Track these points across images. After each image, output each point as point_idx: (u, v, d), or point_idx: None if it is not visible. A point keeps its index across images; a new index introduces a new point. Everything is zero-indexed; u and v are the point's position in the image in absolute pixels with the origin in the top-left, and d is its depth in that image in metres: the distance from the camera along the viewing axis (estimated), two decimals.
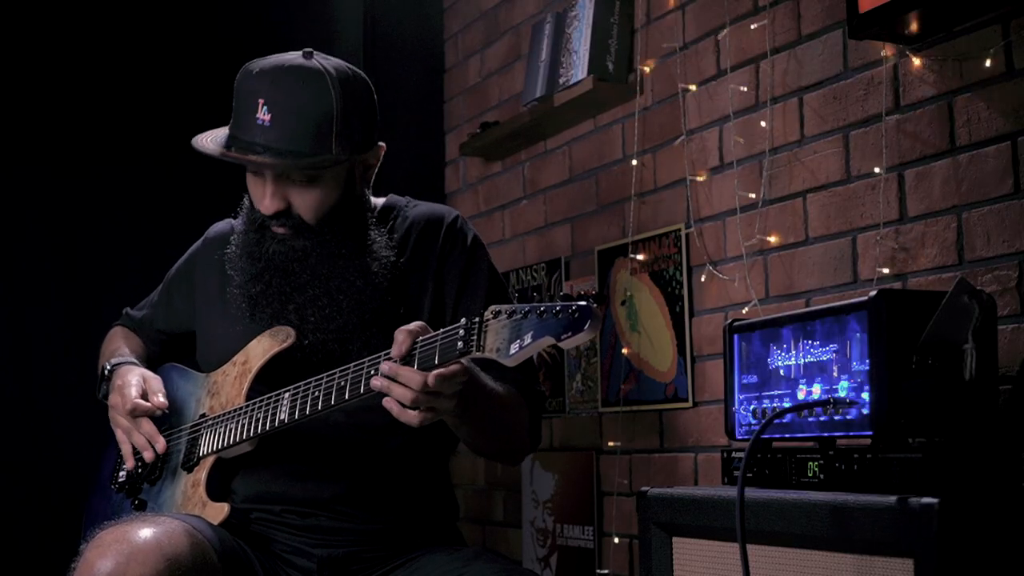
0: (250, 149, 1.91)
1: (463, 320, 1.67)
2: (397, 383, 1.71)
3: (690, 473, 2.88)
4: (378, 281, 1.99)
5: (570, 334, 1.53)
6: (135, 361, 2.22)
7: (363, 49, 3.91)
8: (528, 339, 1.56)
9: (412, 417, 1.73)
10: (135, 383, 2.11)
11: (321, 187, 1.96)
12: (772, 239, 2.64)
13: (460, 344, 1.65)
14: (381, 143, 2.06)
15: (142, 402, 2.08)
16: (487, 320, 1.63)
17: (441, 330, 1.70)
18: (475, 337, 1.63)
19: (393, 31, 4.02)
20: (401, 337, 1.73)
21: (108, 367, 2.19)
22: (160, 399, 2.10)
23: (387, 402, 1.73)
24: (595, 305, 1.54)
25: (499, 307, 1.62)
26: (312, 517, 1.98)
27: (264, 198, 1.96)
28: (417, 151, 4.05)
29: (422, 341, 1.72)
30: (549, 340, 1.55)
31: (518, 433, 2.00)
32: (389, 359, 1.73)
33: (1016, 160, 2.12)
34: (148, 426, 2.08)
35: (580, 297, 1.56)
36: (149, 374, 2.17)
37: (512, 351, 1.58)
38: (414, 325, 1.75)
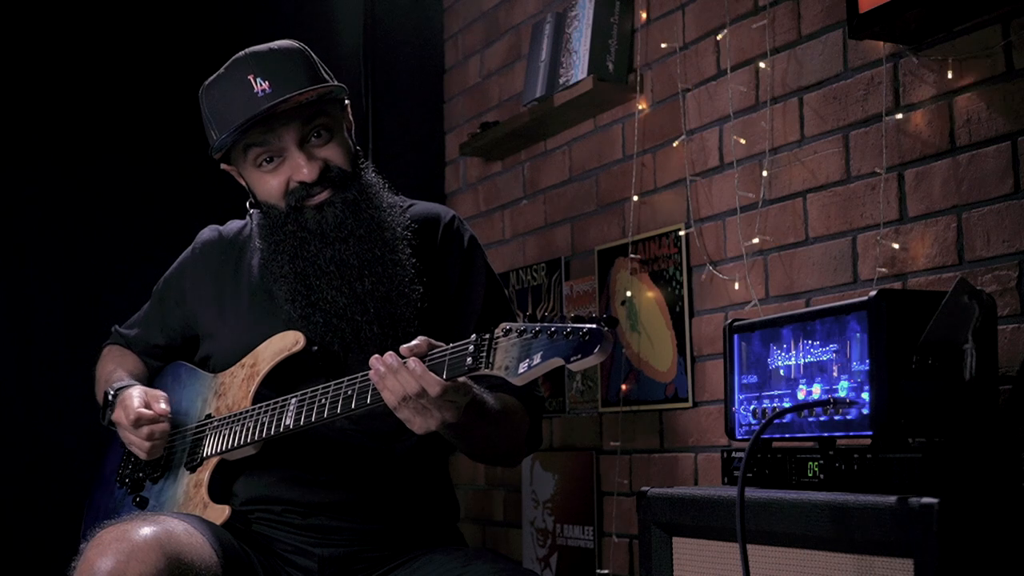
0: (272, 111, 1.94)
1: (473, 336, 1.67)
2: (404, 372, 1.70)
3: (690, 473, 2.88)
4: (401, 257, 2.00)
5: (580, 356, 1.54)
6: (136, 383, 2.19)
7: (363, 49, 3.91)
8: (537, 359, 1.57)
9: (418, 426, 1.74)
10: (137, 395, 2.09)
11: (338, 138, 2.01)
12: (772, 239, 2.64)
13: (469, 360, 1.66)
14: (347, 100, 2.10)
15: (145, 411, 2.05)
16: (497, 337, 1.63)
17: (451, 345, 1.70)
18: (484, 354, 1.64)
19: (393, 31, 4.02)
20: (417, 340, 1.74)
21: (111, 392, 2.14)
22: (162, 406, 2.08)
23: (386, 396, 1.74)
24: (606, 328, 1.54)
25: (510, 325, 1.63)
26: (313, 517, 1.98)
27: (300, 171, 1.96)
28: (417, 151, 4.05)
29: (430, 355, 1.72)
30: (558, 362, 1.55)
31: (516, 441, 2.01)
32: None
33: (1016, 160, 2.12)
34: (149, 431, 2.06)
35: (592, 320, 1.56)
36: (150, 388, 2.14)
37: (521, 370, 1.59)
38: (421, 340, 1.75)
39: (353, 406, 1.81)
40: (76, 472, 2.54)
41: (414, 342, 1.74)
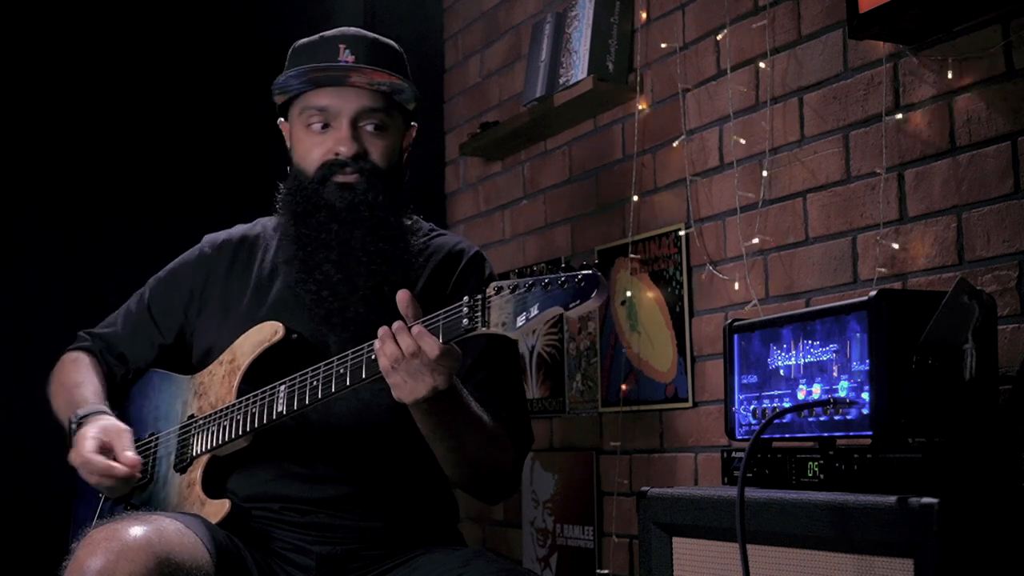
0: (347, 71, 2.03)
1: (465, 298, 1.67)
2: (404, 333, 1.70)
3: (690, 473, 2.88)
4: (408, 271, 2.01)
5: (578, 302, 1.55)
6: (104, 409, 2.08)
7: None
8: (535, 311, 1.57)
9: (408, 391, 1.73)
10: (92, 435, 1.99)
11: (389, 139, 2.08)
12: (772, 239, 2.64)
13: (465, 321, 1.66)
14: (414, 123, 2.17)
15: (101, 460, 1.97)
16: (489, 296, 1.63)
17: (443, 309, 1.70)
18: (479, 313, 1.64)
19: (393, 31, 4.01)
20: (407, 299, 1.74)
21: (75, 420, 2.04)
22: (130, 455, 1.99)
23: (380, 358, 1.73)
24: (600, 273, 1.56)
25: (500, 283, 1.63)
26: (312, 515, 1.98)
27: (343, 142, 2.02)
28: (417, 151, 4.03)
29: (424, 321, 1.72)
30: (557, 310, 1.56)
31: (499, 463, 1.97)
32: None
33: (1016, 160, 2.12)
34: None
35: (582, 267, 1.57)
36: (113, 426, 2.04)
37: (519, 323, 1.59)
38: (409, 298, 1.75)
39: (348, 383, 1.80)
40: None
41: (406, 301, 1.73)
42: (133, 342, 2.25)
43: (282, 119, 2.16)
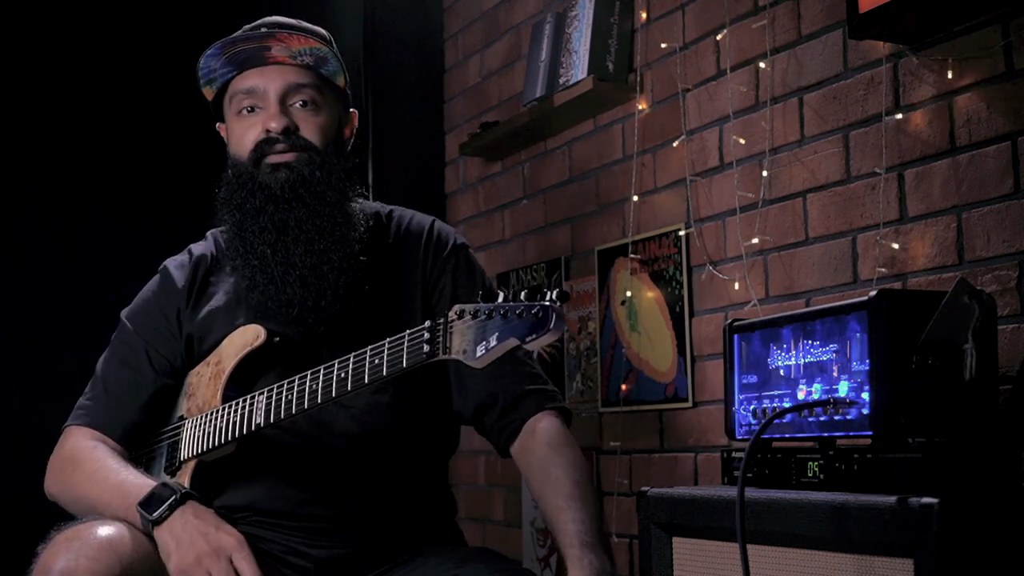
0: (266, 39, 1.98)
1: (427, 322, 1.65)
2: None
3: (690, 473, 2.88)
4: (354, 262, 1.96)
5: (534, 336, 1.54)
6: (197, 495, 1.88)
7: (363, 49, 3.91)
8: (494, 341, 1.56)
9: None
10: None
11: (322, 117, 2.00)
12: (772, 239, 2.64)
13: (426, 347, 1.64)
14: (354, 110, 2.10)
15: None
16: (452, 321, 1.62)
17: (407, 332, 1.68)
18: (440, 338, 1.62)
19: (393, 31, 4.02)
20: None
21: (179, 494, 1.82)
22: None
23: None
24: (558, 304, 1.54)
25: (463, 307, 1.61)
26: (308, 520, 1.96)
27: (272, 118, 1.96)
28: (417, 151, 4.05)
29: (390, 343, 1.70)
30: (514, 342, 1.55)
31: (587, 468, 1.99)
32: (362, 357, 1.74)
33: (1016, 160, 2.12)
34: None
35: (544, 296, 1.56)
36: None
37: (479, 353, 1.58)
38: None
39: (319, 400, 1.79)
40: None
41: None
42: (128, 420, 2.08)
43: (220, 123, 2.10)
